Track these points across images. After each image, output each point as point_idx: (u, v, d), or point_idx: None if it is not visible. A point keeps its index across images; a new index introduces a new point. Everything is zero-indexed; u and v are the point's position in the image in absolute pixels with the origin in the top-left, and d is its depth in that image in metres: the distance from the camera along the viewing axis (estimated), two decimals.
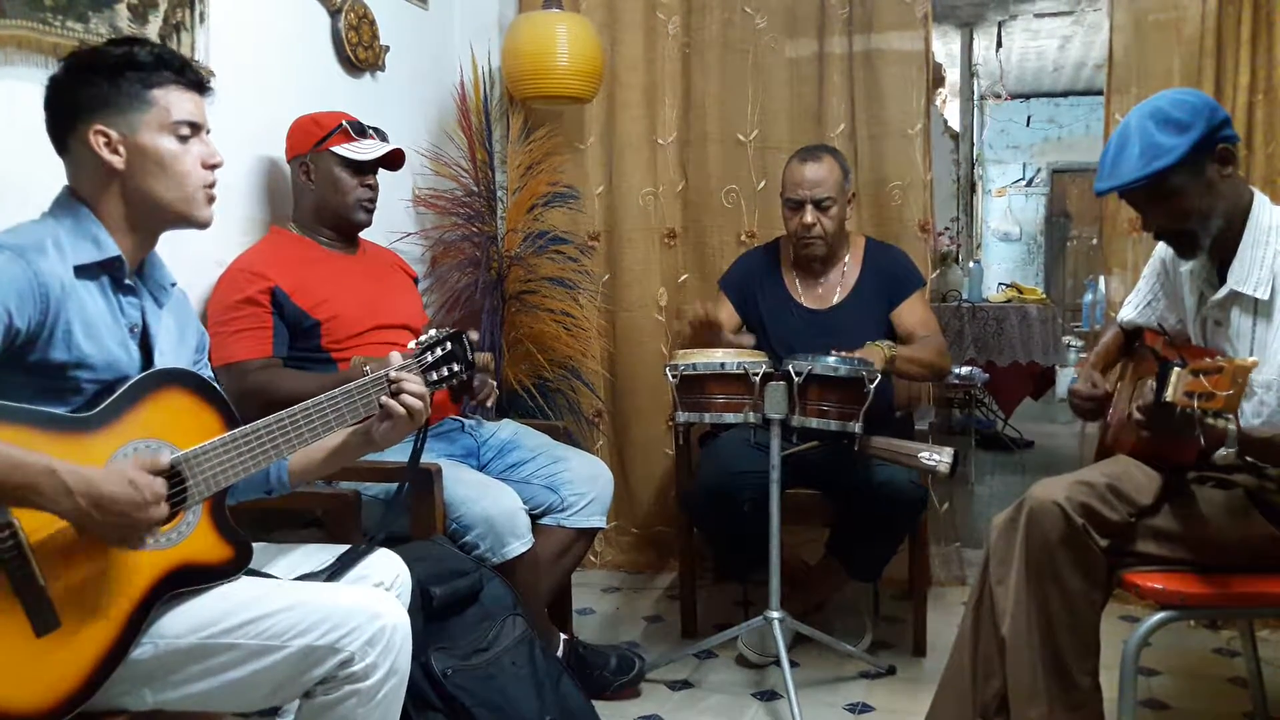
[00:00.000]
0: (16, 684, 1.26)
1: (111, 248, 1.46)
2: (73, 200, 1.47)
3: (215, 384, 1.53)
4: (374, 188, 2.44)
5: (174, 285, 1.62)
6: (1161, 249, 2.09)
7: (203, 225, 1.55)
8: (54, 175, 1.51)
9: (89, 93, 1.45)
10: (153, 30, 2.09)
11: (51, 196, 1.50)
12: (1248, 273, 1.83)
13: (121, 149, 1.45)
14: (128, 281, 1.49)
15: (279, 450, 1.48)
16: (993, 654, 1.89)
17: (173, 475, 1.39)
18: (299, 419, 1.50)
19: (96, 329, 1.41)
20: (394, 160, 2.48)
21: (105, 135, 1.45)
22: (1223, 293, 1.87)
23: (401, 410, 1.59)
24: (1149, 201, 1.86)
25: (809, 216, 2.67)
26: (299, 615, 1.41)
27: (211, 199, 1.54)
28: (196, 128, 1.51)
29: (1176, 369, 1.60)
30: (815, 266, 2.79)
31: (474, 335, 1.76)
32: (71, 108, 1.46)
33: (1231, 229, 1.85)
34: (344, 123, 2.39)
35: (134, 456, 1.35)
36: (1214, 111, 1.81)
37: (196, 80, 1.53)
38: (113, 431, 1.36)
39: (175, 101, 1.48)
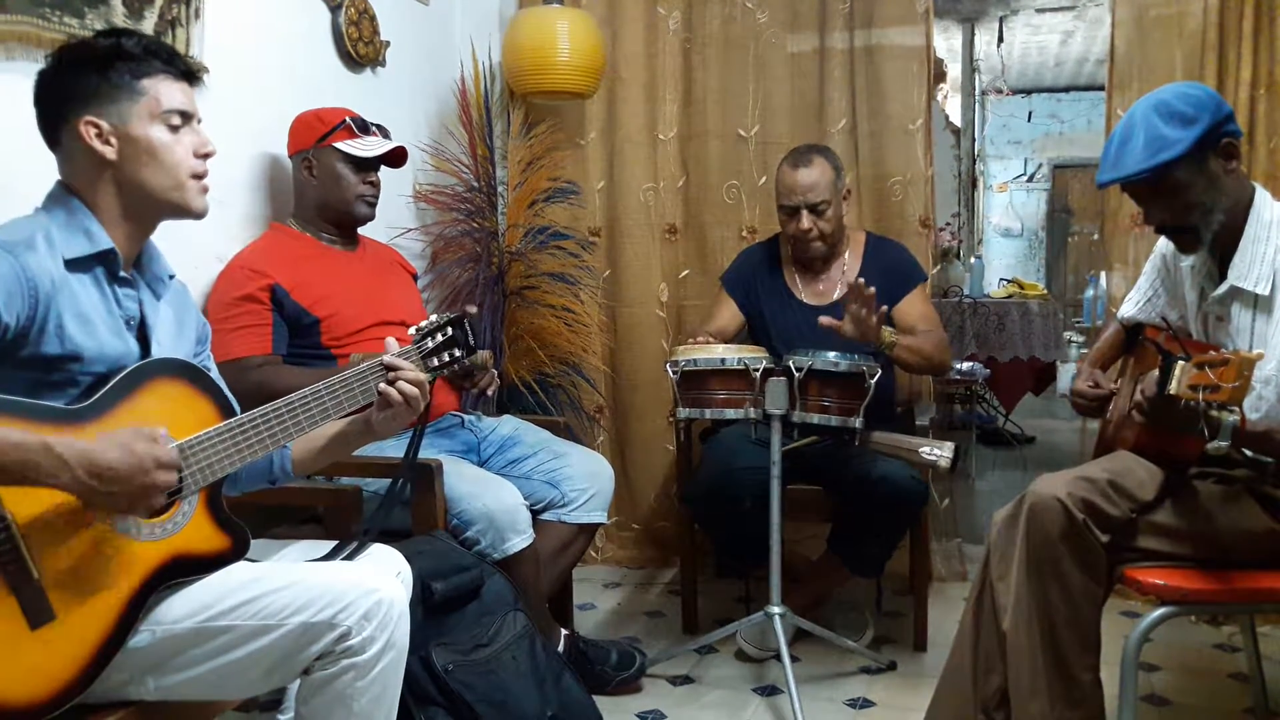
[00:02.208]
0: (11, 676, 1.26)
1: (104, 240, 1.45)
2: (65, 194, 1.47)
3: (212, 374, 1.53)
4: (376, 184, 2.45)
5: (172, 277, 1.61)
6: (1163, 244, 2.09)
7: (197, 215, 1.54)
8: (54, 170, 1.51)
9: (79, 85, 1.45)
10: (148, 26, 2.09)
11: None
12: (1249, 268, 1.82)
13: (113, 139, 1.45)
14: (123, 274, 1.49)
15: (275, 440, 1.48)
16: (993, 649, 1.89)
17: None
18: (295, 408, 1.50)
19: (90, 321, 1.41)
20: (396, 158, 2.48)
21: (96, 126, 1.44)
22: (1223, 288, 1.87)
23: (399, 397, 1.59)
24: (1152, 195, 1.85)
25: (805, 222, 2.66)
26: (295, 593, 1.41)
27: (205, 189, 1.54)
28: (187, 117, 1.51)
29: (1180, 362, 1.58)
30: (816, 263, 2.79)
31: (472, 309, 1.76)
32: (62, 101, 1.45)
33: (1233, 224, 1.85)
34: (347, 119, 2.40)
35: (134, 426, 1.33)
36: (1219, 106, 1.80)
37: (185, 70, 1.53)
38: (107, 423, 1.36)
39: (165, 91, 1.48)
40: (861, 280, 2.37)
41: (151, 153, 1.47)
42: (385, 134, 2.48)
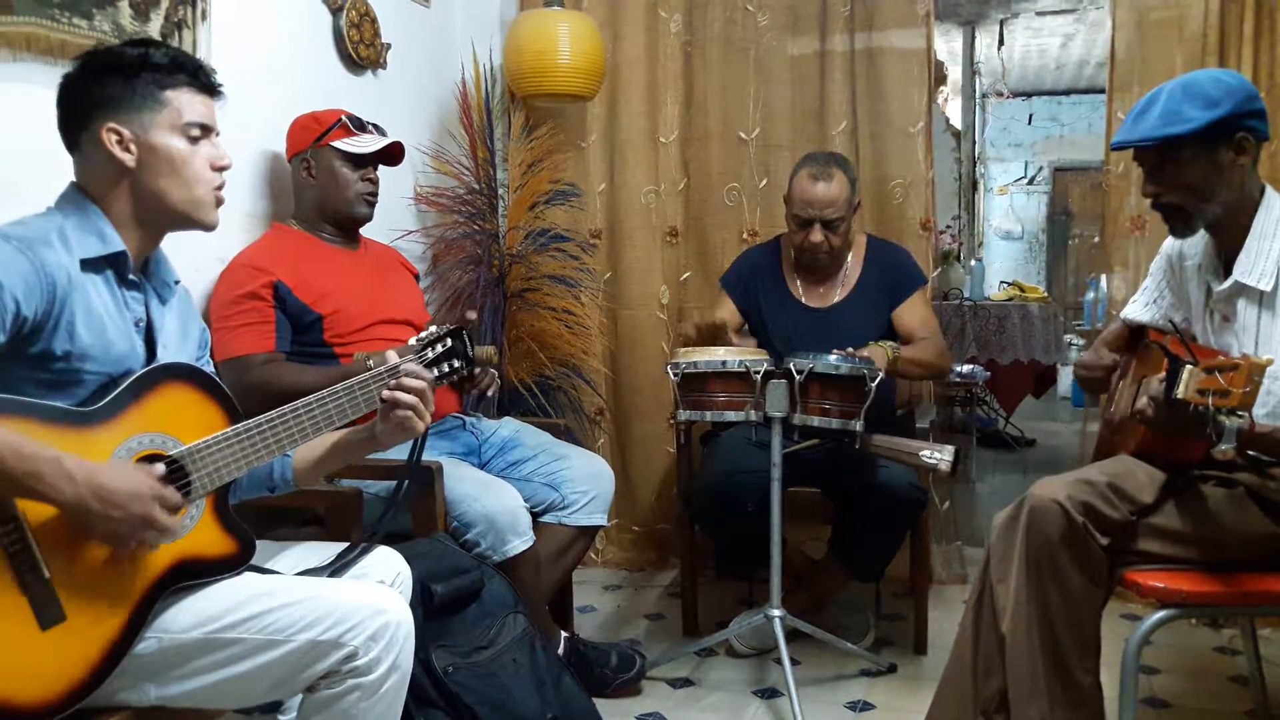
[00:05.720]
0: (21, 677, 1.26)
1: (116, 243, 1.47)
2: (80, 196, 1.48)
3: (218, 379, 1.54)
4: (374, 181, 2.46)
5: (177, 283, 1.62)
6: (1168, 245, 2.09)
7: (208, 228, 1.56)
8: (65, 171, 1.51)
9: (103, 91, 1.46)
10: (155, 27, 2.10)
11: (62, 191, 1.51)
12: (1254, 264, 1.83)
13: (133, 147, 1.47)
14: (132, 277, 1.50)
15: (281, 445, 1.49)
16: (993, 652, 1.88)
17: (176, 469, 1.40)
18: (300, 414, 1.51)
19: (100, 321, 1.42)
20: (393, 154, 2.49)
21: (117, 133, 1.46)
22: (1228, 284, 1.87)
23: (406, 399, 1.57)
24: (1154, 166, 1.86)
25: (817, 235, 2.65)
26: (304, 610, 1.42)
27: (219, 201, 1.56)
28: (207, 129, 1.53)
29: (1189, 366, 1.58)
30: (818, 267, 2.79)
31: (471, 315, 1.77)
32: (85, 105, 1.47)
33: (1239, 221, 1.85)
34: (343, 118, 2.41)
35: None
36: (1249, 98, 1.80)
37: (209, 83, 1.55)
38: (116, 425, 1.37)
39: (187, 103, 1.50)
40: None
41: (170, 163, 1.49)
42: (381, 131, 2.48)
